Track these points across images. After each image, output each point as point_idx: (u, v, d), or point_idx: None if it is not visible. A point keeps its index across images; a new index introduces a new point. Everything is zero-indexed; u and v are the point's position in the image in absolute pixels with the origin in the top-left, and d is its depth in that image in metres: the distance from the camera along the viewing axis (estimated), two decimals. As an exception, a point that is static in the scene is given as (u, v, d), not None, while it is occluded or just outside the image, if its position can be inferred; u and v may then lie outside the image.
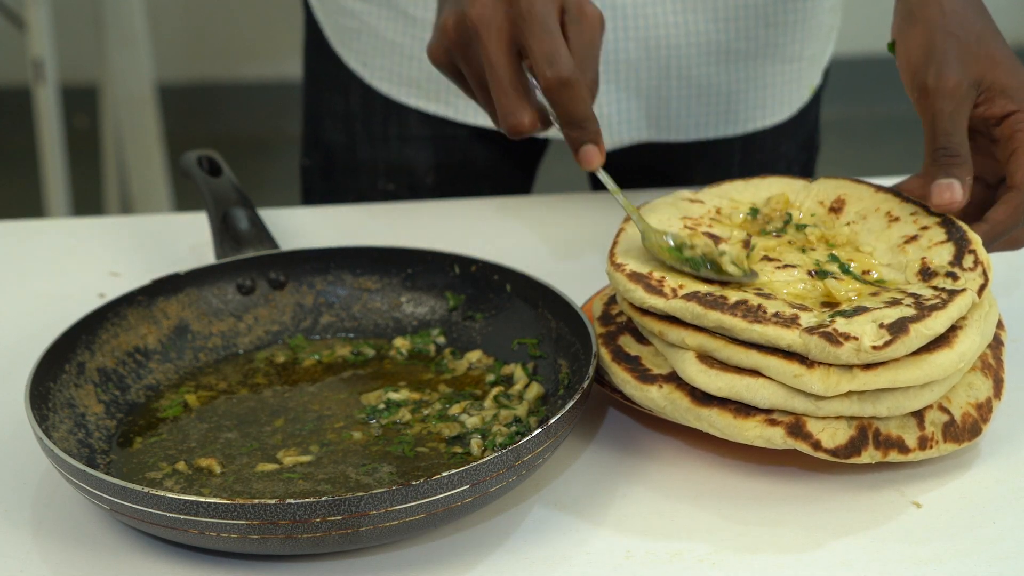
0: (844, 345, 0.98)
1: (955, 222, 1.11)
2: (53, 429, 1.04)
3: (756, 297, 1.04)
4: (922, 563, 0.97)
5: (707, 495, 1.04)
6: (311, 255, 1.24)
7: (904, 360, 1.01)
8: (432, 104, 1.46)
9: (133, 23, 3.00)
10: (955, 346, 1.02)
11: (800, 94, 1.50)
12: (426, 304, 1.23)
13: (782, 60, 1.45)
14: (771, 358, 1.01)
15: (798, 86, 1.48)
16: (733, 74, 1.43)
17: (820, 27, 1.47)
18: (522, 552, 0.99)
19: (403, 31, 1.44)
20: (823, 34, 1.48)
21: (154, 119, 3.08)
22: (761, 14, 1.40)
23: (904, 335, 0.99)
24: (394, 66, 1.46)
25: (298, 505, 0.92)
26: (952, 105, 1.09)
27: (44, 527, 1.02)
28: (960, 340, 1.03)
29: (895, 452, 1.02)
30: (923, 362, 1.01)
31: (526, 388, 1.13)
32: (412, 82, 1.46)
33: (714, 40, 1.40)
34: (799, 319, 1.01)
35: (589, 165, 1.07)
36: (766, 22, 1.41)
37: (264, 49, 4.03)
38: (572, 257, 1.37)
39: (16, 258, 1.41)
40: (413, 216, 1.46)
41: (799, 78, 1.48)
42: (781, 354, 1.01)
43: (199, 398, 1.14)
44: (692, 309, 1.03)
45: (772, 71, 1.45)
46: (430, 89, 1.45)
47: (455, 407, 1.11)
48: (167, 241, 1.41)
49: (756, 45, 1.42)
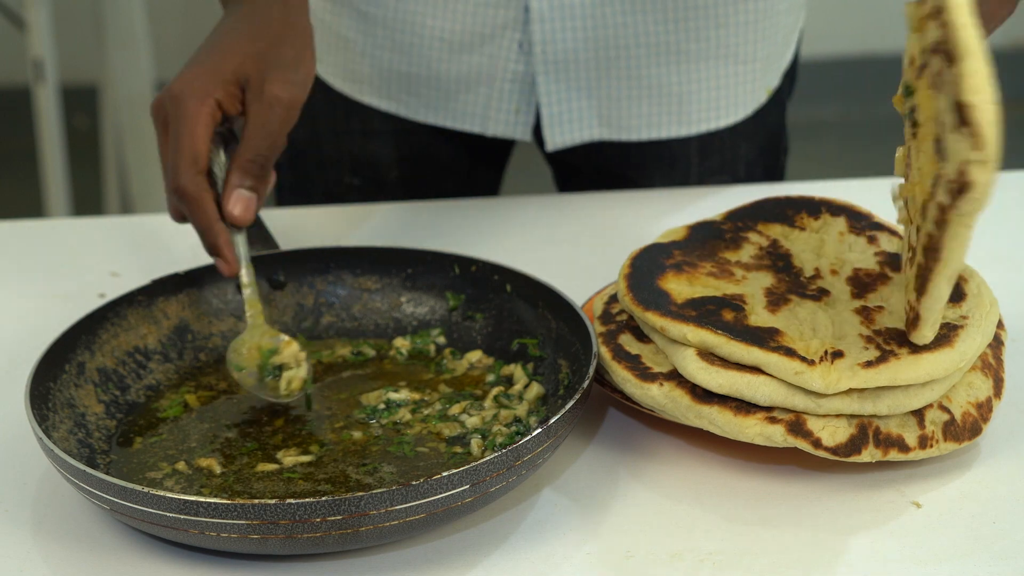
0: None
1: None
2: (53, 429, 1.04)
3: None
4: (922, 563, 0.97)
5: (707, 495, 1.04)
6: (311, 255, 1.24)
7: (904, 359, 1.01)
8: (385, 101, 1.47)
9: (133, 23, 3.00)
10: (955, 345, 1.03)
11: (756, 96, 1.48)
12: (426, 304, 1.23)
13: (735, 61, 1.44)
14: (772, 355, 1.01)
15: (753, 87, 1.47)
16: (684, 74, 1.42)
17: (776, 28, 1.45)
18: (522, 552, 0.99)
19: (355, 27, 1.44)
20: (780, 36, 1.47)
21: (154, 119, 3.07)
22: (712, 15, 1.40)
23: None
24: (347, 63, 1.46)
25: (298, 505, 0.92)
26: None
27: (44, 527, 1.02)
28: (960, 339, 1.03)
29: (895, 451, 1.02)
30: (923, 361, 1.01)
31: (526, 388, 1.13)
32: (365, 79, 1.46)
33: (664, 41, 1.40)
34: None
35: (224, 273, 1.11)
36: (717, 23, 1.40)
37: (264, 49, 4.02)
38: (572, 257, 1.37)
39: (16, 258, 1.41)
40: (413, 216, 1.46)
41: (753, 79, 1.46)
42: (782, 351, 1.01)
43: (199, 398, 1.14)
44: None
45: (725, 72, 1.44)
46: (382, 86, 1.46)
47: (455, 407, 1.11)
48: (167, 241, 1.41)
49: (708, 46, 1.41)
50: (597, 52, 1.40)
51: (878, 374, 1.00)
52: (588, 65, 1.40)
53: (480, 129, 1.45)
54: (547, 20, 1.37)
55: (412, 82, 1.44)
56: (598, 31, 1.38)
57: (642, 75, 1.41)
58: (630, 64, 1.41)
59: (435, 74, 1.43)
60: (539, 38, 1.38)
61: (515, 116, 1.43)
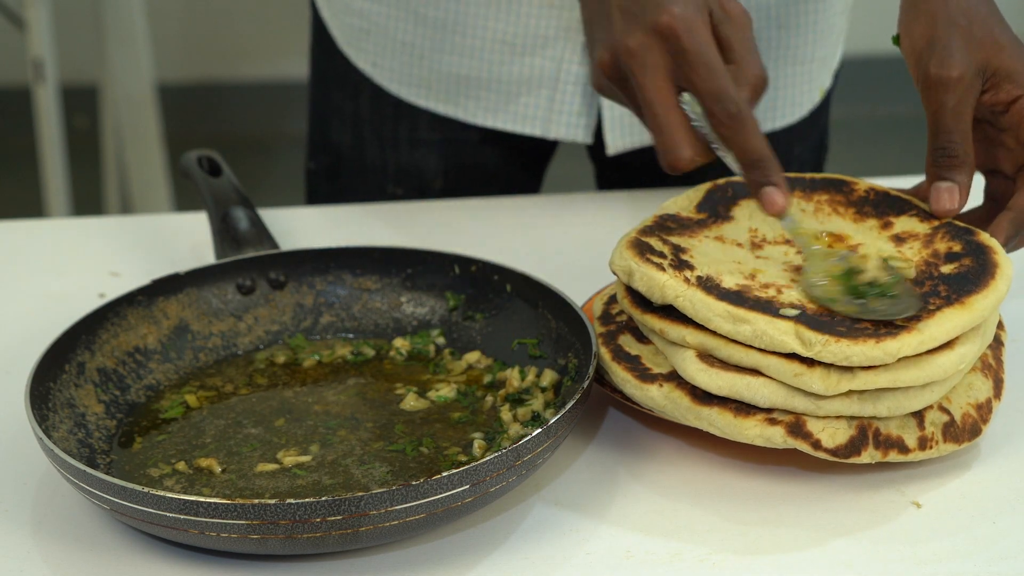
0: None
1: (967, 229, 1.10)
2: (53, 429, 1.04)
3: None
4: (922, 563, 0.97)
5: (707, 495, 1.04)
6: (311, 255, 1.24)
7: (904, 360, 1.01)
8: (443, 105, 1.46)
9: (133, 23, 3.00)
10: (955, 347, 1.02)
11: (811, 96, 1.49)
12: (426, 304, 1.23)
13: (794, 62, 1.45)
14: (771, 357, 1.01)
15: (809, 88, 1.48)
16: None
17: (831, 29, 1.47)
18: (522, 552, 0.99)
19: (413, 31, 1.43)
20: (834, 36, 1.48)
21: (154, 119, 3.08)
22: (773, 15, 1.40)
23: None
24: (404, 67, 1.46)
25: (298, 505, 0.92)
26: (955, 98, 1.09)
27: (44, 527, 1.02)
28: (960, 341, 1.03)
29: (895, 452, 1.02)
30: (923, 362, 1.01)
31: (539, 377, 1.13)
32: (423, 83, 1.45)
33: None
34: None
35: (772, 209, 1.03)
36: (779, 24, 1.41)
37: (264, 49, 4.03)
38: (572, 257, 1.37)
39: (16, 258, 1.41)
40: (413, 216, 1.46)
41: (810, 80, 1.48)
42: (781, 353, 1.01)
43: (199, 398, 1.14)
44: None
45: (784, 72, 1.45)
46: (440, 90, 1.45)
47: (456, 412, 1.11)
48: (167, 241, 1.41)
49: (768, 47, 1.42)
50: None
51: (878, 376, 1.00)
52: None
53: (542, 132, 1.44)
54: None
55: (472, 85, 1.43)
56: None
57: None
58: None
59: (496, 77, 1.42)
60: None
61: (577, 119, 1.43)
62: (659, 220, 1.13)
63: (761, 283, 1.06)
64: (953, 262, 1.06)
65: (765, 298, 1.04)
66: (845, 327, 1.00)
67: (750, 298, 1.03)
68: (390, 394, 1.14)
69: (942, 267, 1.06)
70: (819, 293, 1.04)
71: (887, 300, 1.03)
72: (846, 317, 1.01)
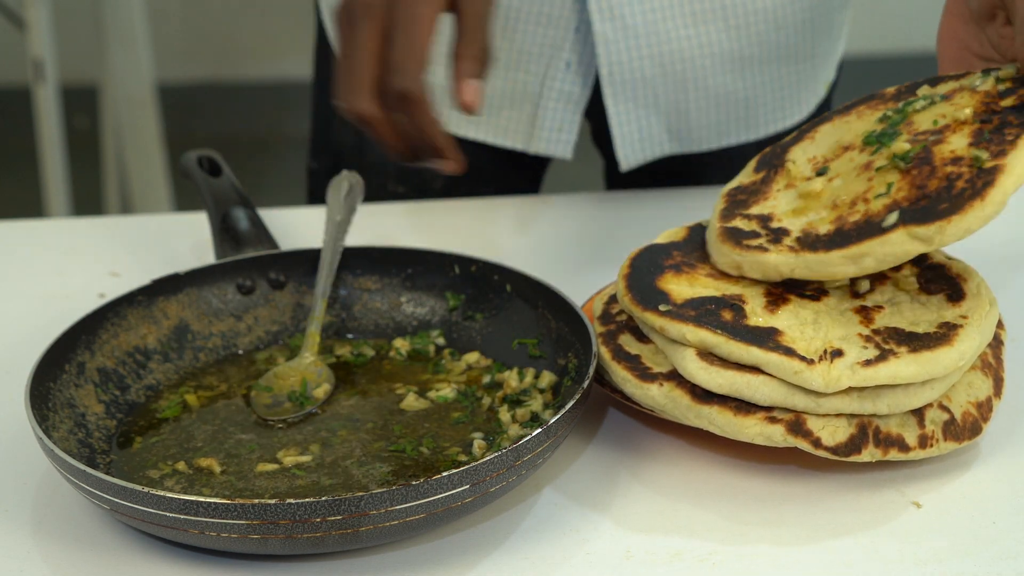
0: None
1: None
2: (53, 429, 1.04)
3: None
4: (922, 563, 0.97)
5: (707, 495, 1.05)
6: (311, 255, 1.24)
7: (904, 357, 1.01)
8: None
9: (133, 23, 3.00)
10: (955, 344, 1.03)
11: (816, 92, 1.50)
12: (426, 304, 1.23)
13: (795, 61, 1.45)
14: (771, 355, 1.01)
15: (814, 84, 1.49)
16: (748, 80, 1.43)
17: (830, 24, 1.47)
18: (522, 552, 0.99)
19: None
20: (834, 30, 1.49)
21: (154, 119, 3.08)
22: (771, 18, 1.41)
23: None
24: None
25: (298, 505, 0.92)
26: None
27: (44, 527, 1.02)
28: (960, 338, 1.03)
29: (895, 450, 1.03)
30: (923, 359, 1.01)
31: (536, 379, 1.13)
32: None
33: (727, 48, 1.40)
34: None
35: (452, 169, 1.04)
36: (776, 25, 1.41)
37: (264, 49, 4.03)
38: (572, 257, 1.37)
39: (16, 258, 1.41)
40: (414, 215, 1.46)
41: (814, 76, 1.48)
42: (781, 351, 1.01)
43: (199, 398, 1.14)
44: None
45: (786, 72, 1.45)
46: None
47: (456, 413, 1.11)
48: (167, 241, 1.41)
49: (768, 49, 1.42)
50: (663, 67, 1.40)
51: (877, 373, 1.00)
52: (655, 81, 1.41)
53: (523, 146, 1.45)
54: (612, 42, 1.37)
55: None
56: (662, 46, 1.39)
57: (708, 85, 1.42)
58: (695, 75, 1.41)
59: None
60: (605, 60, 1.38)
61: (558, 134, 1.43)
62: (729, 197, 1.14)
63: (848, 204, 1.06)
64: (1010, 96, 1.07)
65: (861, 220, 1.04)
66: (946, 201, 1.01)
67: (851, 230, 1.04)
68: (390, 394, 1.14)
69: (1001, 102, 1.06)
70: (269, 380, 1.13)
71: (291, 406, 1.11)
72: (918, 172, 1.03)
